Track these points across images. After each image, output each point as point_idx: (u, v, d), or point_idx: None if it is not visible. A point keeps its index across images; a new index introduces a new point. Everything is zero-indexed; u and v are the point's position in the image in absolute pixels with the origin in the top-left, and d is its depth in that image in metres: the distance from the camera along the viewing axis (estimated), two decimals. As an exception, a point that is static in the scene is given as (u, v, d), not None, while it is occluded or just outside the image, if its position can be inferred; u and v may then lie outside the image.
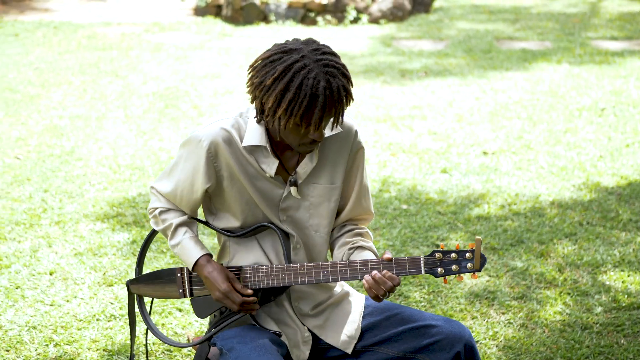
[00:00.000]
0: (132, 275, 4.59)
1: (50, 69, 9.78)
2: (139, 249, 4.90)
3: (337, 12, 12.64)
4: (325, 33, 11.97)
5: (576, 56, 10.31)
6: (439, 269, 2.68)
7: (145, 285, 3.05)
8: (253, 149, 2.79)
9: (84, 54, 10.64)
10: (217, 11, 13.20)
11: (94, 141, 7.02)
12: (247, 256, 2.90)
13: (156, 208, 2.94)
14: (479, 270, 2.67)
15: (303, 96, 2.53)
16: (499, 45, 11.09)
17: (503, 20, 13.04)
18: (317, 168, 2.86)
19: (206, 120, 4.00)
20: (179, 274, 2.95)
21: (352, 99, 2.64)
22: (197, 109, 8.04)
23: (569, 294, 4.48)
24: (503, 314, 4.29)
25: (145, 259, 4.79)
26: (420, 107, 8.10)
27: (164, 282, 2.99)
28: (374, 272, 2.67)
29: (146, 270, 4.55)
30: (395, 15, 12.85)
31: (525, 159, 6.61)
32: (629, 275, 4.68)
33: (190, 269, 2.86)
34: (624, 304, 4.37)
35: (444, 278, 2.70)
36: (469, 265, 2.67)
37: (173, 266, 4.68)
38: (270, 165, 2.79)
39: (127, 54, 10.63)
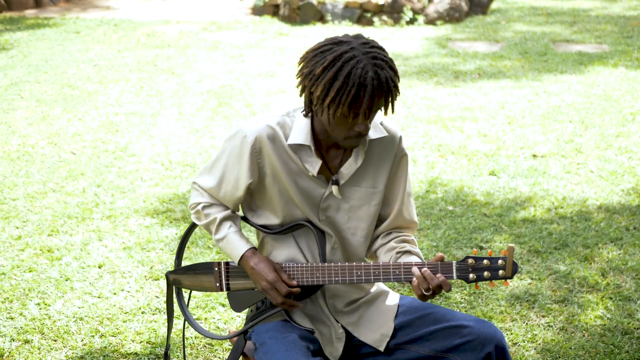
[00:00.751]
0: (178, 270, 4.70)
1: (108, 66, 9.98)
2: (187, 245, 5.02)
3: (394, 12, 12.66)
4: (381, 33, 12.00)
5: (633, 60, 10.19)
6: (471, 275, 2.70)
7: (184, 277, 3.13)
8: (297, 148, 2.84)
9: (142, 52, 10.83)
10: (274, 10, 13.32)
11: (148, 138, 7.17)
12: (284, 253, 2.95)
13: (199, 203, 3.00)
14: (511, 278, 2.69)
15: (351, 85, 2.58)
16: (555, 48, 11.00)
17: (561, 22, 12.93)
18: (360, 171, 2.90)
19: (252, 117, 4.07)
20: (216, 268, 3.02)
21: (399, 92, 2.69)
22: (250, 107, 8.15)
23: (611, 298, 4.47)
24: (543, 317, 4.29)
25: (193, 255, 4.90)
26: (472, 108, 8.10)
27: (201, 275, 3.07)
28: (424, 268, 2.70)
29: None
30: (451, 16, 12.83)
31: (574, 162, 6.57)
32: (673, 282, 4.65)
33: (237, 263, 2.92)
34: (666, 310, 4.35)
35: (476, 284, 2.73)
36: (500, 272, 2.68)
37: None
38: (314, 165, 2.84)
39: (184, 52, 10.80)
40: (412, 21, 12.67)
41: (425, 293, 2.70)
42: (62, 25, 12.68)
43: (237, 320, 4.22)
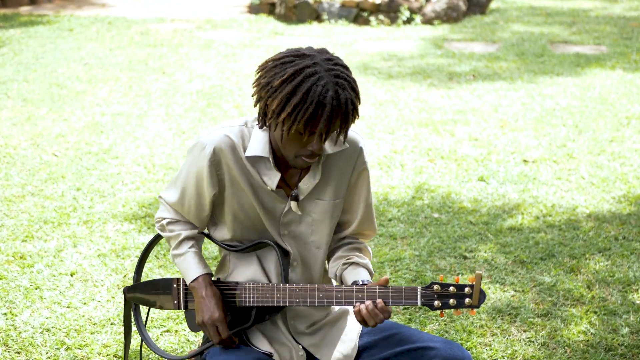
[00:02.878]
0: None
1: (99, 65, 9.86)
2: (162, 252, 4.89)
3: (391, 12, 12.51)
4: (377, 33, 11.87)
5: (631, 62, 10.04)
6: (436, 302, 2.58)
7: (141, 293, 3.01)
8: (255, 160, 2.73)
9: (135, 51, 10.71)
10: (270, 9, 13.19)
11: (132, 139, 7.04)
12: (246, 271, 2.83)
13: (164, 218, 2.89)
14: (477, 307, 2.56)
15: (309, 102, 2.46)
16: (553, 49, 10.86)
17: (559, 23, 12.78)
18: (321, 184, 2.78)
19: (211, 127, 3.96)
20: (175, 285, 2.90)
21: (358, 115, 2.57)
22: (239, 108, 8.02)
23: (595, 312, 4.33)
24: (525, 331, 4.16)
25: (164, 270, 4.77)
26: (464, 111, 7.96)
27: (159, 292, 2.95)
28: (368, 302, 2.59)
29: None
30: (449, 16, 12.68)
31: (566, 168, 6.43)
32: (661, 295, 4.52)
33: (188, 284, 2.81)
34: (652, 326, 4.22)
35: (441, 312, 2.60)
36: (467, 300, 2.56)
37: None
38: (272, 178, 2.72)
39: (176, 51, 10.67)
40: (409, 21, 12.53)
41: (370, 326, 2.63)
42: (55, 23, 12.56)
43: (208, 333, 4.09)
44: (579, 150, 6.84)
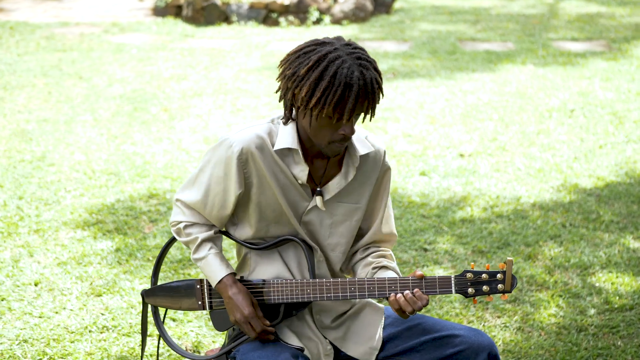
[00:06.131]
0: (121, 286, 4.50)
1: (10, 71, 9.58)
2: (124, 258, 4.83)
3: (300, 12, 12.58)
4: (287, 34, 11.92)
5: (540, 57, 10.39)
6: (470, 289, 2.65)
7: (162, 296, 2.98)
8: (284, 154, 2.74)
9: (44, 55, 10.45)
10: (177, 11, 13.07)
11: (65, 146, 6.88)
12: (269, 269, 2.84)
13: (180, 222, 2.86)
14: (510, 292, 2.65)
15: (337, 85, 2.51)
16: (463, 47, 11.13)
17: (464, 21, 13.10)
18: (347, 187, 2.82)
19: (237, 126, 3.93)
20: (198, 286, 2.88)
21: (383, 95, 2.62)
22: (168, 111, 7.93)
23: (560, 296, 4.50)
24: (498, 317, 4.28)
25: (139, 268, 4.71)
26: (392, 109, 8.09)
27: (181, 294, 2.92)
28: (406, 291, 2.64)
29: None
30: (357, 16, 12.84)
31: (501, 160, 6.63)
32: (617, 277, 4.71)
33: (214, 286, 2.79)
34: (616, 306, 4.40)
35: (474, 298, 2.67)
36: (499, 286, 2.64)
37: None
38: (302, 170, 2.74)
39: (88, 55, 10.47)
40: (318, 21, 12.62)
41: (408, 314, 2.67)
42: (-46, 29, 12.13)
43: (190, 335, 4.06)
44: (510, 143, 7.05)
